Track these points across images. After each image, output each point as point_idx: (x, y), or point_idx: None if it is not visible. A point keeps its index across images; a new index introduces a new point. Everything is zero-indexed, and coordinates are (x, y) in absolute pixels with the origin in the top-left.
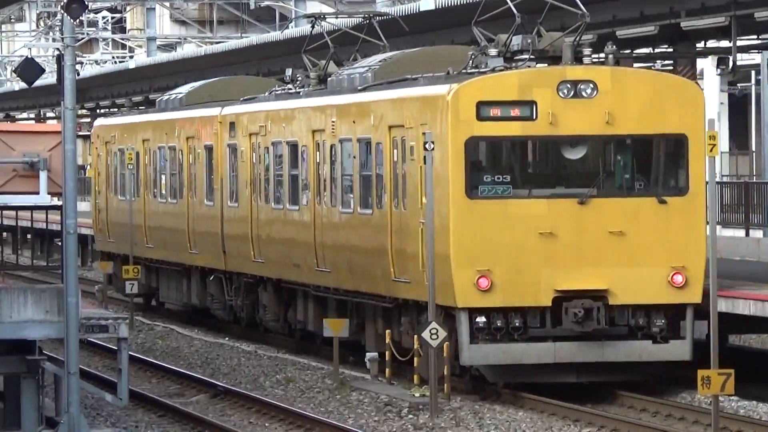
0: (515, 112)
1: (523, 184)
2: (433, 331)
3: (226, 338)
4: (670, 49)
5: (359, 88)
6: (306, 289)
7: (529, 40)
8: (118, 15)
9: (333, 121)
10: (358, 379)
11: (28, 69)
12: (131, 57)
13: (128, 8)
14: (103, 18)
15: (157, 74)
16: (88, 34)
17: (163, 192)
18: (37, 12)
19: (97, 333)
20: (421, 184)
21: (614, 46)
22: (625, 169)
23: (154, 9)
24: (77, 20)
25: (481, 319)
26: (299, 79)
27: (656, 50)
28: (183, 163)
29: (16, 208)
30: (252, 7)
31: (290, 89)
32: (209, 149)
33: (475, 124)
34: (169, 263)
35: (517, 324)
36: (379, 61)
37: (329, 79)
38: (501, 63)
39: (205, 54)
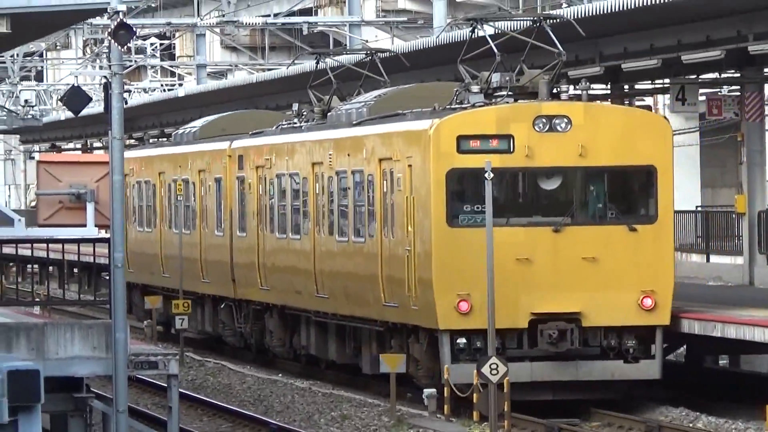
0: (493, 145)
1: (501, 213)
2: (493, 367)
3: (280, 374)
4: (737, 75)
5: (354, 122)
6: (308, 314)
7: (507, 78)
8: (166, 42)
9: (330, 154)
10: (416, 416)
11: (75, 98)
12: (180, 85)
13: (177, 35)
14: (152, 45)
15: (207, 102)
16: (136, 61)
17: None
18: (84, 39)
19: (147, 370)
20: (406, 213)
21: (588, 83)
22: (598, 199)
23: (204, 35)
24: (125, 47)
25: (461, 341)
26: (305, 113)
27: (722, 75)
28: (195, 195)
29: (63, 241)
30: (305, 33)
31: (295, 123)
32: (219, 181)
33: (455, 157)
34: (185, 292)
35: (495, 345)
36: (374, 97)
37: (329, 114)
38: (481, 99)
39: (254, 82)
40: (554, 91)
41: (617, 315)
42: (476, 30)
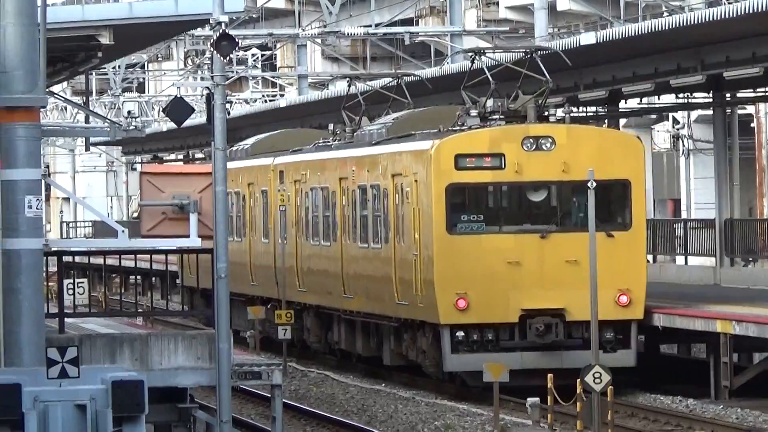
0: (487, 162)
1: (494, 222)
2: (597, 375)
3: (383, 384)
4: None
5: (374, 142)
6: (338, 313)
7: (499, 103)
8: (268, 52)
9: (353, 170)
10: (519, 425)
11: (178, 109)
12: (282, 95)
13: (279, 45)
14: (253, 56)
15: (308, 113)
16: (237, 72)
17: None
18: (185, 50)
19: (250, 380)
20: (413, 222)
21: (570, 107)
22: (579, 209)
23: (306, 46)
24: (227, 58)
25: (460, 334)
26: (338, 132)
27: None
28: (245, 206)
29: (166, 252)
30: (406, 42)
31: (328, 142)
32: (265, 194)
33: (454, 173)
34: (235, 294)
35: (490, 337)
36: (393, 119)
37: (355, 133)
38: (477, 122)
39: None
40: (548, 114)
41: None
42: (475, 61)
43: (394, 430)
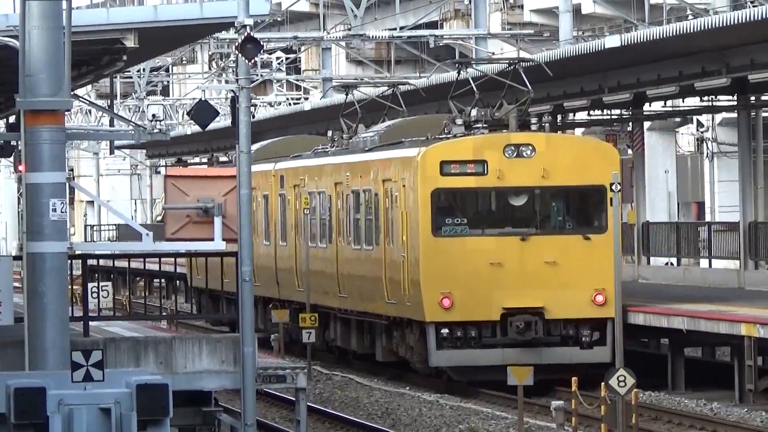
0: (470, 168)
1: (477, 225)
2: (621, 379)
3: (407, 387)
4: None
5: (367, 149)
6: (334, 311)
7: (483, 112)
8: (292, 56)
9: (347, 175)
10: (543, 429)
11: (202, 112)
12: (306, 99)
13: (303, 48)
14: (278, 59)
15: (333, 116)
16: (262, 75)
17: None
18: (210, 53)
19: (275, 383)
20: (402, 225)
21: (550, 117)
22: (558, 213)
23: (330, 49)
24: (252, 61)
25: (444, 331)
26: (335, 139)
27: None
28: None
29: (190, 255)
30: (431, 46)
31: (326, 148)
32: (266, 198)
33: (439, 179)
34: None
35: (473, 334)
36: (386, 127)
37: (351, 140)
38: (462, 130)
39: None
40: (534, 122)
41: (574, 309)
42: (461, 71)
43: None
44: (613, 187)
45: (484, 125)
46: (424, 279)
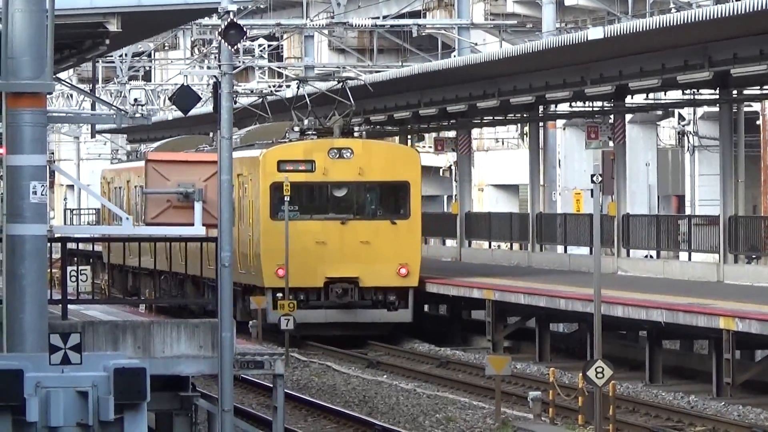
0: (302, 167)
1: (306, 211)
2: (599, 370)
3: (384, 376)
4: None
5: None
6: (204, 280)
7: (314, 122)
8: (275, 43)
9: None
10: (520, 419)
11: (184, 97)
12: (288, 86)
13: (285, 36)
14: (260, 46)
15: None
16: (244, 62)
17: None
18: (192, 39)
19: (252, 369)
20: (249, 210)
21: (368, 127)
22: (371, 203)
23: (313, 37)
24: (234, 47)
25: (279, 295)
26: (213, 140)
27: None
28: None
29: (170, 240)
30: (414, 35)
31: (204, 147)
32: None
33: (276, 175)
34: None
35: (302, 298)
36: (246, 131)
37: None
38: (297, 136)
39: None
40: (355, 130)
41: (383, 279)
42: (300, 87)
43: (396, 422)
44: (594, 179)
45: (314, 132)
46: (264, 253)
